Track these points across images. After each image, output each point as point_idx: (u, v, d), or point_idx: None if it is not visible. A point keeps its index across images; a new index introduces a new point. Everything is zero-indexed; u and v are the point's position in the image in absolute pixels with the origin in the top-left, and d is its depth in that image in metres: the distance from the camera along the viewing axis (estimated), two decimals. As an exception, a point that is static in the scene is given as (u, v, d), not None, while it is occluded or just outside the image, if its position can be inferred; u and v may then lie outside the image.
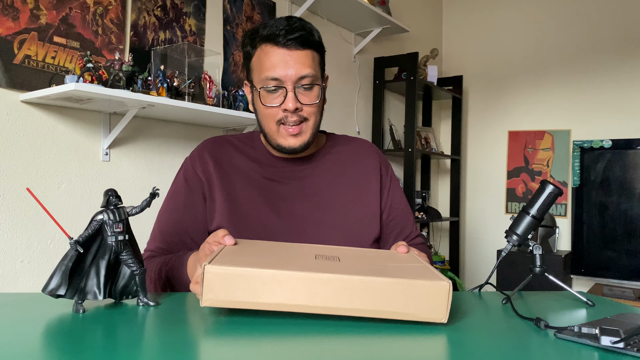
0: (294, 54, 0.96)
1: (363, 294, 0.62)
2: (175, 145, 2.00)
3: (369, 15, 2.77)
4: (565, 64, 3.57)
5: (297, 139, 1.01)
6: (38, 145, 1.58)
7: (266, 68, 0.97)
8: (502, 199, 3.81)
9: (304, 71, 0.96)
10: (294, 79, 0.96)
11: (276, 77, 0.96)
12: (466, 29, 4.01)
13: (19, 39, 1.51)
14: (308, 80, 0.97)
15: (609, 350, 0.58)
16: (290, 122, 0.99)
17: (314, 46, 1.00)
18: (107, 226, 0.69)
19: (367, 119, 3.18)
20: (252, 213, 1.02)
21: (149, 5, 1.87)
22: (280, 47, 0.96)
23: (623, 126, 3.34)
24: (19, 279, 1.53)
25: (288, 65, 0.96)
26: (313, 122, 1.01)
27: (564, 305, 0.86)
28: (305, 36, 0.97)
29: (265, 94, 0.99)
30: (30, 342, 0.56)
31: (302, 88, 0.98)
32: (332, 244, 0.98)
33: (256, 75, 1.00)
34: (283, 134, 1.00)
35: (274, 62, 0.96)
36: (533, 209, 0.89)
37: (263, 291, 0.62)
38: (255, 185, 1.05)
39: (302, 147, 1.02)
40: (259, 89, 0.99)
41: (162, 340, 0.58)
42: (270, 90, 0.98)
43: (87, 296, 0.69)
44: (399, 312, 0.63)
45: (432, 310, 0.63)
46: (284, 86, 0.97)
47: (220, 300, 0.62)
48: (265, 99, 0.99)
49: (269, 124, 1.01)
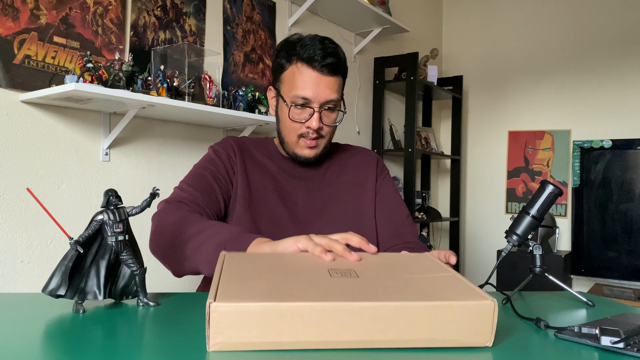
0: (325, 79, 1.08)
1: (399, 323, 0.54)
2: (175, 145, 2.00)
3: (369, 15, 2.77)
4: (565, 64, 3.57)
5: (312, 151, 1.14)
6: (38, 145, 1.58)
7: (299, 87, 1.08)
8: (502, 199, 3.81)
9: (331, 96, 1.09)
10: (321, 101, 1.08)
11: (306, 97, 1.08)
12: (466, 29, 4.01)
13: (19, 39, 1.51)
14: (333, 104, 1.10)
15: (609, 351, 0.58)
16: (309, 137, 1.11)
17: (342, 72, 1.12)
18: (107, 226, 0.69)
19: (367, 119, 3.18)
20: (264, 201, 1.13)
21: (149, 5, 1.87)
22: (314, 70, 1.07)
23: (623, 126, 3.34)
24: (19, 279, 1.53)
25: (319, 88, 1.07)
26: (328, 139, 1.16)
27: (564, 305, 0.86)
28: (337, 63, 1.09)
29: (294, 110, 1.10)
30: (30, 342, 0.56)
31: (326, 110, 1.10)
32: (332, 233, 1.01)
33: (286, 89, 1.11)
34: (301, 145, 1.13)
35: (306, 83, 1.08)
36: (533, 209, 0.89)
37: (282, 328, 0.53)
38: (268, 177, 1.16)
39: (314, 159, 1.16)
40: (289, 104, 1.10)
41: (162, 341, 0.58)
42: (299, 107, 1.09)
43: (87, 296, 0.69)
44: (439, 340, 0.55)
45: (476, 334, 0.56)
46: (311, 106, 1.09)
47: (232, 342, 0.53)
48: (293, 114, 1.10)
49: (290, 135, 1.13)
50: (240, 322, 0.52)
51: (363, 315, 0.53)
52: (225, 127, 2.16)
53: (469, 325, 0.55)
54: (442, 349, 0.56)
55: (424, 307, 0.54)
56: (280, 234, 1.07)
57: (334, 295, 0.56)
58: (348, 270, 0.66)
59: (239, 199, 1.11)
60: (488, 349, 0.57)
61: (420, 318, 0.54)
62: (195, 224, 0.94)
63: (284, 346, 0.53)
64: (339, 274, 0.64)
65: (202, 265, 0.89)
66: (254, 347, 0.53)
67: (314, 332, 0.53)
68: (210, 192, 1.09)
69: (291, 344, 0.53)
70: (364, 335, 0.54)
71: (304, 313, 0.53)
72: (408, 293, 0.58)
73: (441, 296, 0.57)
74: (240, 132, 2.18)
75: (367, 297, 0.55)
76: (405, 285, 0.61)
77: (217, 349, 0.53)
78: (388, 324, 0.54)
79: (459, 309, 0.55)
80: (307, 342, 0.53)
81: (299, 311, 0.53)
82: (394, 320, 0.54)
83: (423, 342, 0.55)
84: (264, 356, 0.52)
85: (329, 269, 0.66)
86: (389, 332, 0.54)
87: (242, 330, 0.52)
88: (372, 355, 0.54)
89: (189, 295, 0.82)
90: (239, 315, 0.52)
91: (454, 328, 0.55)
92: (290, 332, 0.53)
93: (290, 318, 0.53)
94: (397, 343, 0.55)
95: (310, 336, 0.53)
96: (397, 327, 0.54)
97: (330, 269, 0.66)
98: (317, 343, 0.53)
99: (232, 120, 2.00)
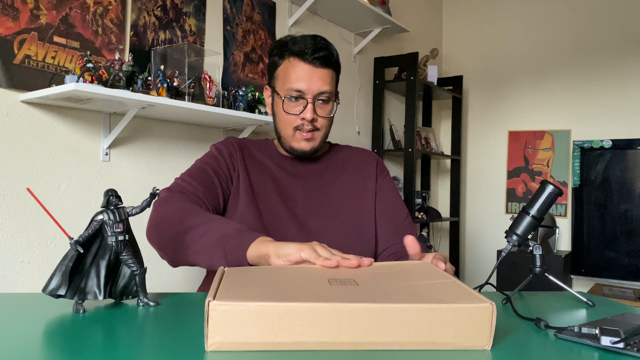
0: (317, 71, 1.10)
1: (397, 325, 0.54)
2: (175, 145, 2.00)
3: (369, 15, 2.77)
4: (565, 64, 3.57)
5: (308, 144, 1.15)
6: (38, 145, 1.58)
7: (292, 80, 1.10)
8: (502, 199, 3.81)
9: (324, 87, 1.10)
10: (314, 93, 1.10)
11: (300, 89, 1.09)
12: (466, 29, 4.01)
13: (19, 39, 1.51)
14: (326, 95, 1.12)
15: (609, 351, 0.58)
16: (305, 129, 1.12)
17: (334, 66, 1.14)
18: (107, 226, 0.69)
19: (367, 119, 3.18)
20: (264, 199, 1.14)
21: (149, 5, 1.87)
22: (306, 63, 1.09)
23: (623, 126, 3.34)
24: (19, 279, 1.53)
25: (312, 80, 1.09)
26: (324, 132, 1.16)
27: (564, 305, 0.86)
28: (328, 56, 1.11)
29: (288, 102, 1.12)
30: (30, 342, 0.56)
31: (320, 102, 1.12)
32: (331, 231, 1.12)
33: (280, 84, 1.13)
34: (298, 138, 1.14)
35: (299, 76, 1.09)
36: (533, 209, 0.89)
37: (280, 329, 0.53)
38: (268, 176, 1.18)
39: (311, 152, 1.16)
40: (282, 97, 1.12)
41: (162, 341, 0.58)
42: (293, 99, 1.11)
43: (87, 296, 0.69)
44: (437, 342, 0.55)
45: (474, 337, 0.55)
46: (305, 98, 1.10)
47: (231, 342, 0.53)
48: (287, 106, 1.12)
49: (286, 129, 1.15)
50: (239, 321, 0.52)
51: (361, 316, 0.53)
52: (225, 127, 2.16)
53: (467, 328, 0.55)
54: (440, 351, 0.55)
55: (423, 309, 0.54)
56: (280, 231, 1.09)
57: (333, 297, 0.56)
58: (348, 279, 0.66)
59: (242, 196, 1.12)
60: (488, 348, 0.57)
61: (418, 320, 0.54)
62: (199, 215, 0.95)
63: (281, 347, 0.53)
64: (338, 282, 0.64)
65: (200, 256, 0.89)
66: (252, 348, 0.53)
67: (312, 333, 0.53)
68: (211, 186, 1.10)
69: (289, 344, 0.53)
70: (362, 337, 0.54)
71: (302, 313, 0.53)
72: (407, 296, 0.58)
73: (440, 299, 0.57)
74: (240, 132, 2.18)
75: (366, 299, 0.55)
76: (406, 290, 0.61)
77: (215, 348, 0.52)
78: (386, 326, 0.54)
79: (458, 312, 0.55)
80: (305, 343, 0.53)
81: (297, 311, 0.53)
82: (392, 322, 0.54)
83: (421, 345, 0.55)
84: (262, 356, 0.52)
85: (329, 278, 0.67)
86: (387, 334, 0.54)
87: (241, 330, 0.52)
88: (369, 356, 0.53)
89: (189, 295, 0.82)
90: (237, 314, 0.52)
91: (452, 331, 0.55)
92: (289, 332, 0.53)
93: (289, 318, 0.53)
94: (395, 345, 0.55)
95: (309, 337, 0.53)
96: (395, 329, 0.54)
97: (330, 279, 0.66)
98: (315, 344, 0.53)
99: (232, 120, 2.00)
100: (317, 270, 0.72)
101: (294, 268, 0.74)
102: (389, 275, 0.70)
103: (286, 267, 0.75)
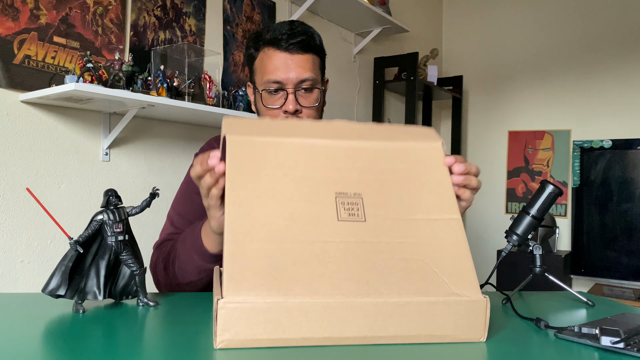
0: (295, 57, 1.01)
1: (399, 318, 0.57)
2: (175, 145, 2.00)
3: (369, 15, 2.77)
4: (565, 64, 3.57)
5: None
6: (38, 145, 1.58)
7: (268, 71, 1.01)
8: (502, 199, 3.81)
9: (304, 75, 1.01)
10: (294, 82, 1.01)
11: (278, 79, 1.00)
12: (466, 29, 4.01)
13: (19, 39, 1.51)
14: (308, 83, 1.02)
15: (609, 351, 0.58)
16: None
17: (315, 50, 1.04)
18: (107, 226, 0.69)
19: (367, 119, 3.18)
20: None
21: (149, 5, 1.87)
22: (282, 51, 1.00)
23: (623, 126, 3.34)
24: (19, 279, 1.53)
25: (289, 68, 1.00)
26: None
27: (564, 305, 0.86)
28: (306, 40, 1.01)
29: (267, 96, 1.03)
30: (30, 342, 0.56)
31: (302, 91, 1.02)
32: None
33: (259, 78, 1.05)
34: None
35: (276, 65, 1.00)
36: (533, 209, 0.89)
37: (287, 325, 0.54)
38: None
39: None
40: (261, 90, 1.03)
41: (162, 341, 0.58)
42: (272, 92, 1.02)
43: (87, 296, 0.69)
44: (436, 335, 0.58)
45: (470, 330, 0.59)
46: (285, 89, 1.01)
47: (239, 340, 0.53)
48: (267, 100, 1.03)
49: None
50: (248, 318, 0.53)
51: (365, 311, 0.56)
52: (225, 127, 2.16)
53: (464, 321, 0.59)
54: (440, 344, 0.57)
55: (422, 303, 0.58)
56: None
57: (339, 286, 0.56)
58: (355, 194, 0.64)
59: None
60: (488, 348, 0.57)
61: (419, 313, 0.57)
62: (175, 250, 0.94)
63: (287, 343, 0.55)
64: (346, 208, 0.62)
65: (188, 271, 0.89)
66: (260, 344, 0.54)
67: (317, 329, 0.55)
68: (198, 211, 1.01)
69: (296, 340, 0.55)
70: (366, 331, 0.56)
71: (310, 310, 0.55)
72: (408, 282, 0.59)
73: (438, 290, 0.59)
74: (240, 132, 2.18)
75: (369, 292, 0.57)
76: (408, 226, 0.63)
77: (224, 346, 0.53)
78: (388, 320, 0.57)
79: (455, 305, 0.58)
80: (311, 339, 0.55)
81: (304, 307, 0.54)
82: (395, 316, 0.57)
83: (421, 338, 0.58)
84: (269, 353, 0.52)
85: (337, 191, 0.64)
86: (389, 328, 0.57)
87: (250, 327, 0.53)
88: (373, 351, 0.54)
89: (189, 295, 0.82)
90: (246, 311, 0.53)
91: (450, 323, 0.58)
92: (296, 328, 0.54)
93: (297, 315, 0.54)
94: (397, 339, 0.57)
95: (314, 332, 0.55)
96: (397, 322, 0.57)
97: (337, 193, 0.64)
98: (320, 339, 0.55)
99: (232, 120, 1.99)
100: (323, 175, 0.66)
101: (298, 157, 0.66)
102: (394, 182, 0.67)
103: (290, 151, 0.66)
